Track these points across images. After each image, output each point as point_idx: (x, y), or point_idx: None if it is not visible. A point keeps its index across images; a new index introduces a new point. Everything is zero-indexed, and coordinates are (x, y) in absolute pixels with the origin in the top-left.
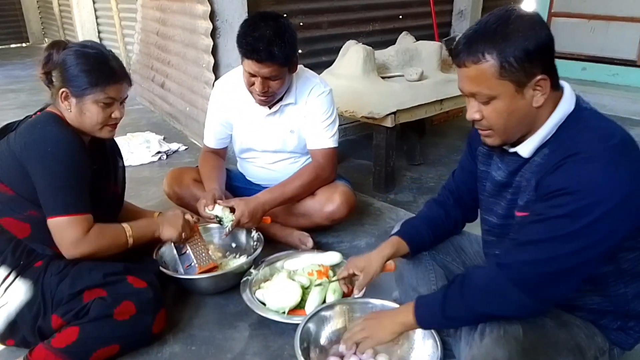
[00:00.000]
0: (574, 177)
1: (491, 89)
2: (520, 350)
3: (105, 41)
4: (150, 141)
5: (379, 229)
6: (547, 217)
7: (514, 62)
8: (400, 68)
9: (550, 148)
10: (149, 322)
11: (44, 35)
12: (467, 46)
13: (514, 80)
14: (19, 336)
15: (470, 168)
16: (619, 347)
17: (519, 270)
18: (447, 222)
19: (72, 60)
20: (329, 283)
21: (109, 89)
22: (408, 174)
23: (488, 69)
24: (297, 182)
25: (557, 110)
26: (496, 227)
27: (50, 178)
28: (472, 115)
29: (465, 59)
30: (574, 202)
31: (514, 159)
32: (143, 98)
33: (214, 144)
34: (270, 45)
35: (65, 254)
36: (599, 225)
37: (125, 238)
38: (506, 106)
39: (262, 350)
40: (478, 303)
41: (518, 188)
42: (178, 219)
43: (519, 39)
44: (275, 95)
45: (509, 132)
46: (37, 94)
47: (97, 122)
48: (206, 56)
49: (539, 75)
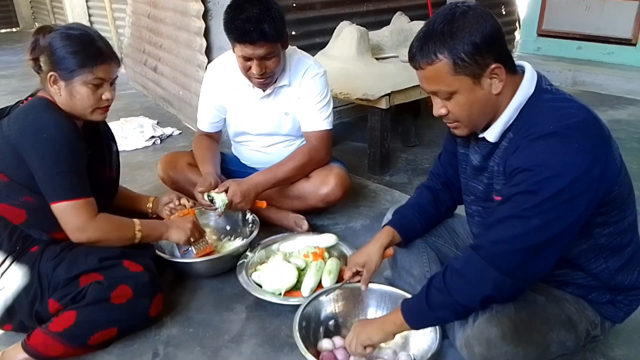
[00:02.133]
0: (530, 155)
1: (449, 85)
2: (513, 328)
3: (96, 25)
4: (144, 126)
5: (374, 210)
6: (509, 195)
7: (465, 57)
8: (394, 49)
9: (513, 131)
10: (146, 305)
11: (34, 19)
12: (419, 49)
13: (469, 74)
14: (16, 321)
15: (453, 150)
16: (609, 320)
17: (491, 250)
18: (438, 208)
19: (58, 42)
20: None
21: (96, 69)
22: (403, 156)
23: (442, 67)
24: (290, 164)
25: (517, 95)
26: (477, 210)
27: (48, 164)
28: (438, 112)
29: (420, 62)
30: (531, 177)
31: (484, 144)
32: (135, 82)
33: (207, 128)
34: (260, 23)
35: (72, 239)
36: (558, 198)
37: (133, 232)
38: (467, 99)
39: (258, 331)
40: (460, 288)
41: (492, 173)
42: (187, 223)
43: (466, 35)
44: (274, 74)
45: (474, 122)
46: (28, 80)
47: (87, 105)
48: (198, 39)
49: (492, 65)
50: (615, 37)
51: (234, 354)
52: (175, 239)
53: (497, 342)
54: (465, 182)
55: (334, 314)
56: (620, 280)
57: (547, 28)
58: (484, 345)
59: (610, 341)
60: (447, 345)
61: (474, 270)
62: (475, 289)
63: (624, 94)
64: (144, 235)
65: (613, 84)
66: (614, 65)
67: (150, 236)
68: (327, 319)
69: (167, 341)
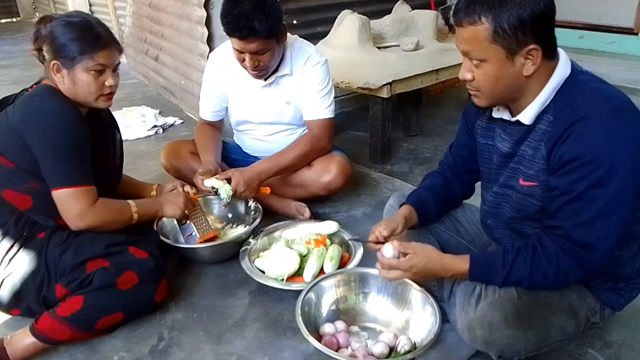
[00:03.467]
0: (585, 145)
1: (483, 51)
2: (515, 312)
3: (97, 14)
4: (146, 115)
5: (375, 199)
6: (579, 193)
7: (507, 28)
8: (396, 38)
9: (553, 114)
10: (151, 291)
11: (34, 9)
12: (466, 6)
13: (505, 46)
14: (24, 306)
15: (467, 143)
16: (609, 307)
17: (578, 252)
18: (450, 193)
19: (59, 30)
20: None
21: (97, 55)
22: (404, 145)
23: (482, 31)
24: (292, 152)
25: (555, 75)
26: (500, 196)
27: (52, 151)
28: (464, 75)
29: (463, 19)
30: (594, 170)
31: (516, 129)
32: (137, 72)
33: (209, 117)
34: (251, 20)
35: (71, 226)
36: (626, 186)
37: (130, 213)
38: (495, 71)
39: (261, 316)
40: (543, 276)
41: (522, 157)
42: (179, 196)
43: (515, 6)
44: (268, 67)
45: (495, 96)
46: (30, 70)
47: (90, 92)
48: (200, 28)
49: (531, 45)
50: (617, 26)
51: (237, 338)
52: (171, 214)
53: (499, 326)
54: (489, 172)
55: (336, 299)
56: (626, 268)
57: None
58: (486, 329)
59: (607, 326)
60: (448, 329)
61: (563, 271)
62: (557, 282)
63: (626, 83)
64: (141, 215)
65: (615, 73)
66: (616, 55)
67: (147, 215)
68: (328, 304)
69: (172, 326)
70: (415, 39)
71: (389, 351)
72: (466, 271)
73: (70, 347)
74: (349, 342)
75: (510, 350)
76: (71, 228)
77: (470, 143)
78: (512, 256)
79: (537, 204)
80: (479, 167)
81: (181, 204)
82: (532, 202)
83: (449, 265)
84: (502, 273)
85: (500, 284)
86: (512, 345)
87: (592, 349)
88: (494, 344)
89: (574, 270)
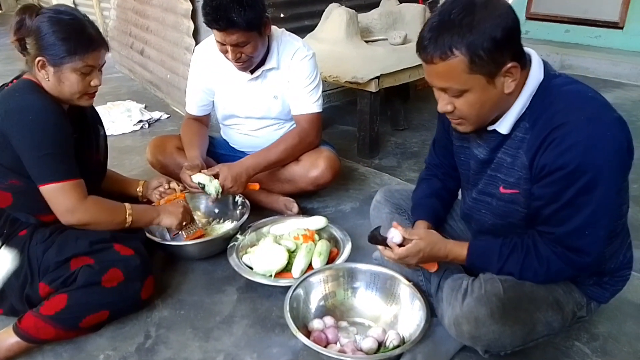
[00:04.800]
0: (568, 153)
1: (462, 84)
2: (501, 307)
3: (80, 7)
4: (132, 110)
5: (364, 193)
6: (566, 201)
7: (483, 55)
8: (383, 31)
9: (529, 121)
10: (137, 288)
11: (17, 2)
12: (433, 41)
13: (484, 72)
14: (7, 305)
15: (446, 144)
16: (595, 301)
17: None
18: (449, 193)
19: (47, 27)
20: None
21: (87, 57)
22: (392, 139)
23: (458, 64)
24: (280, 146)
25: (528, 82)
26: (479, 202)
27: (35, 147)
28: (444, 108)
29: (433, 55)
30: (579, 179)
31: (492, 136)
32: (122, 66)
33: (196, 111)
34: (229, 12)
35: (62, 221)
36: (612, 189)
37: (124, 216)
38: (478, 98)
39: (250, 312)
40: (533, 276)
41: (499, 164)
42: (179, 207)
43: (487, 29)
44: (252, 60)
45: (482, 120)
46: (11, 64)
47: (76, 91)
48: (186, 21)
49: (509, 63)
50: (602, 20)
51: (225, 334)
52: (168, 224)
53: (486, 321)
54: (467, 175)
55: (324, 295)
56: (610, 264)
57: (535, 11)
58: (473, 324)
59: (594, 318)
60: (436, 324)
61: (554, 272)
62: (548, 280)
63: (611, 77)
64: (135, 220)
65: (600, 67)
66: (601, 49)
67: (141, 221)
68: (317, 300)
69: (159, 323)
70: (403, 33)
71: (378, 346)
72: (464, 257)
73: (55, 346)
74: (338, 338)
75: (497, 345)
76: (62, 223)
77: (448, 144)
78: (507, 251)
79: (522, 211)
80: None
81: (179, 214)
82: (515, 209)
83: (451, 250)
84: (496, 266)
85: (494, 273)
86: (499, 340)
87: (578, 341)
88: (480, 339)
89: (566, 271)
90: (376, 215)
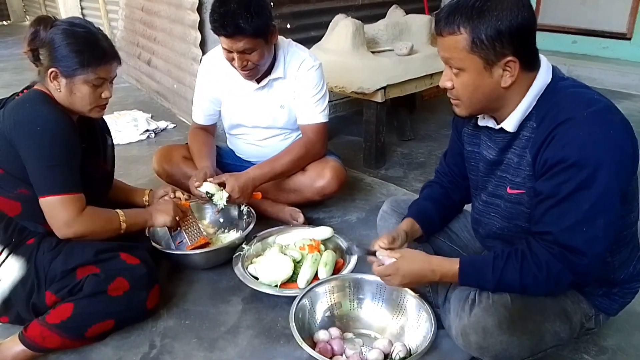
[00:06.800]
0: (569, 147)
1: (461, 60)
2: (509, 317)
3: (89, 17)
4: (138, 119)
5: (370, 204)
6: (564, 196)
7: (485, 39)
8: (390, 42)
9: (535, 120)
10: (143, 297)
11: (25, 12)
12: (446, 16)
13: (482, 57)
14: (13, 313)
15: (459, 150)
16: (604, 312)
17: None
18: (450, 201)
19: (61, 39)
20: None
21: (99, 69)
22: (398, 150)
23: (460, 41)
24: (287, 157)
25: (535, 84)
26: (490, 205)
27: (41, 158)
28: (444, 83)
29: (443, 29)
30: (578, 172)
31: (501, 136)
32: (129, 76)
33: (202, 121)
34: (236, 18)
35: (58, 234)
36: (611, 188)
37: (118, 223)
38: (472, 80)
39: (255, 323)
40: (534, 283)
41: (508, 165)
42: (168, 204)
43: (493, 18)
44: (258, 67)
45: (474, 106)
46: (21, 73)
47: (87, 103)
48: (193, 32)
49: (509, 57)
50: (610, 31)
51: (230, 345)
52: (161, 223)
53: (493, 332)
54: (476, 179)
55: (330, 306)
56: (619, 274)
57: (542, 22)
58: (480, 334)
59: (602, 331)
60: (442, 335)
61: (554, 276)
62: (550, 288)
63: (619, 88)
64: (129, 224)
65: (608, 78)
66: (609, 60)
67: (135, 224)
68: (323, 310)
69: (164, 333)
70: (409, 44)
71: (384, 358)
72: (455, 274)
73: (61, 354)
74: (344, 349)
75: (505, 356)
76: (59, 237)
77: (461, 150)
78: (502, 263)
79: (527, 212)
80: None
81: (171, 211)
82: (521, 209)
83: (438, 267)
84: (492, 280)
85: (492, 289)
86: (506, 350)
87: (587, 354)
88: (488, 349)
89: (565, 275)
90: (383, 225)
